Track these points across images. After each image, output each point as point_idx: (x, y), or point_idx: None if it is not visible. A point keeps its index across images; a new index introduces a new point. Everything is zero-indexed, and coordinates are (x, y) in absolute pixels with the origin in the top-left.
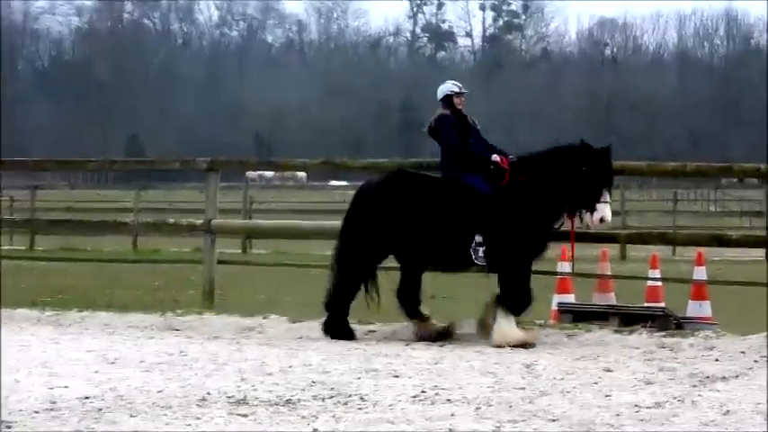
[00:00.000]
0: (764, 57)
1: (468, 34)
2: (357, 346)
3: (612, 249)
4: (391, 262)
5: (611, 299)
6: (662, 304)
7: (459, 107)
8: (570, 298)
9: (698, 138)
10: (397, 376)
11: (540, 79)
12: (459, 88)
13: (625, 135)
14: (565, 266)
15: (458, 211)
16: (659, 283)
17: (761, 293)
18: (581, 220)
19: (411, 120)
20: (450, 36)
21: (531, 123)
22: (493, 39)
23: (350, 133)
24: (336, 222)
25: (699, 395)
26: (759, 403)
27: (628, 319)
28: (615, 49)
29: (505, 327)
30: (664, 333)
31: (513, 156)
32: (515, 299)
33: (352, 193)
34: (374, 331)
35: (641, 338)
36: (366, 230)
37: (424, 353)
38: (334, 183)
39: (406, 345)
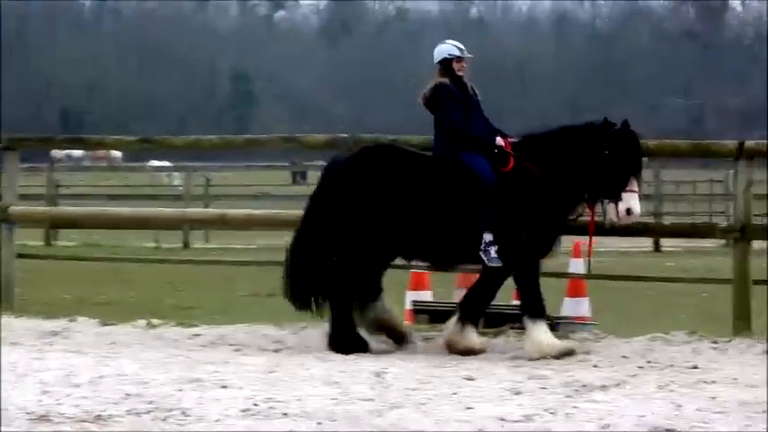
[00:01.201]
0: (654, 18)
1: None
2: (179, 352)
3: None
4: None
5: None
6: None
7: (460, 74)
8: (426, 295)
9: (578, 109)
10: (224, 387)
11: (395, 43)
12: (461, 51)
13: (493, 106)
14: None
15: (458, 200)
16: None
17: (646, 289)
18: (603, 212)
19: (244, 90)
20: None
21: (383, 94)
22: None
23: (173, 106)
24: (159, 210)
25: (574, 407)
26: (642, 416)
27: (493, 320)
28: (482, 9)
29: (541, 336)
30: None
31: (515, 136)
32: (538, 302)
33: (178, 174)
34: (199, 335)
35: (508, 342)
36: (348, 220)
37: (257, 360)
38: (155, 163)
39: (236, 350)
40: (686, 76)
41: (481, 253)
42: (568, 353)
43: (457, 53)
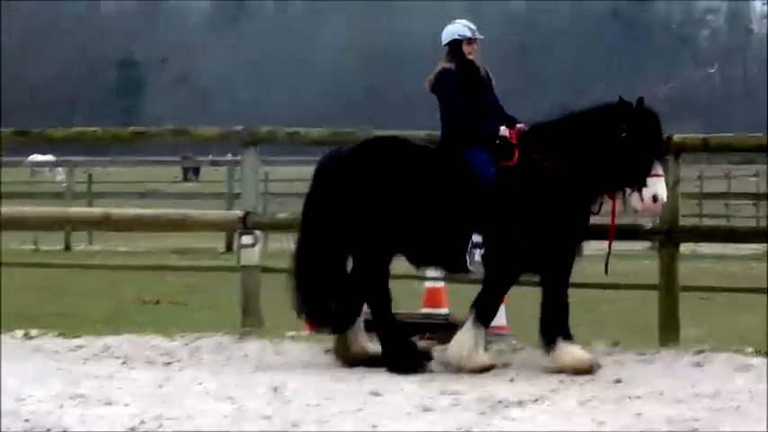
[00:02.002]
0: None
1: None
2: (59, 365)
3: None
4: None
5: None
6: (445, 310)
7: (471, 57)
8: None
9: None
10: (109, 403)
11: (296, 24)
12: (473, 32)
13: (401, 96)
14: None
15: (457, 198)
16: (441, 284)
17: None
18: (625, 202)
19: (130, 78)
20: None
21: (285, 77)
22: None
23: (55, 94)
24: (38, 208)
25: (488, 424)
26: None
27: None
28: None
29: (468, 342)
30: (446, 346)
31: (522, 124)
32: (493, 309)
33: (61, 170)
34: (82, 347)
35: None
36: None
37: (145, 373)
38: (37, 158)
39: (122, 363)
40: (610, 59)
41: (467, 254)
42: (486, 369)
43: (468, 34)
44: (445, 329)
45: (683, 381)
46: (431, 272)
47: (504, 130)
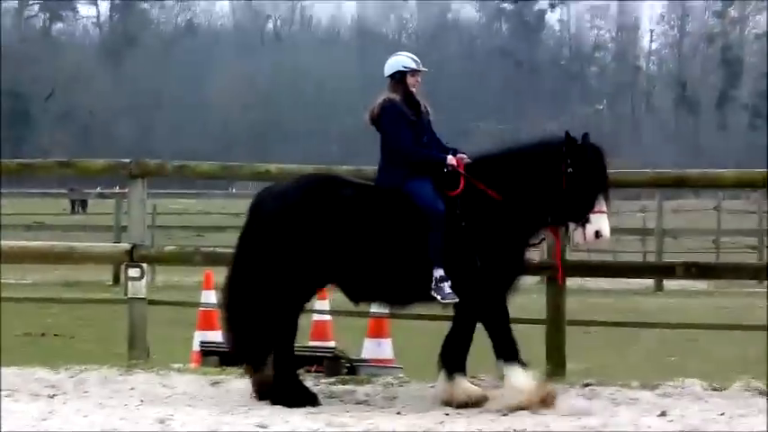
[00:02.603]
0: (465, 35)
1: (94, 1)
2: None
3: None
4: None
5: None
6: (332, 343)
7: (413, 89)
8: (216, 335)
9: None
10: None
11: (185, 59)
12: (417, 64)
13: (292, 130)
14: (209, 296)
15: (403, 234)
16: (328, 317)
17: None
18: (568, 237)
19: (18, 109)
20: (68, 3)
21: (173, 113)
22: (124, 8)
23: None
24: None
25: None
26: None
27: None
28: (279, 23)
29: (521, 380)
30: (333, 379)
31: (465, 155)
32: (510, 342)
33: None
34: None
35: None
36: (285, 256)
37: (29, 406)
38: None
39: (6, 396)
40: (498, 97)
41: (433, 292)
42: (549, 398)
43: (413, 66)
44: (331, 362)
45: (569, 414)
46: (373, 307)
47: (451, 159)
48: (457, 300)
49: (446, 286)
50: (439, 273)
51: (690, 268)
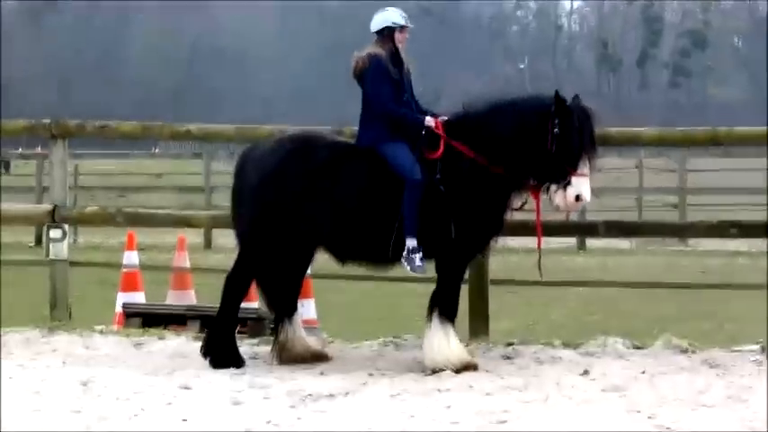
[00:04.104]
0: None
1: None
2: None
3: (193, 235)
4: None
5: (191, 297)
6: (255, 304)
7: (400, 45)
8: (139, 297)
9: (302, 93)
10: None
11: (106, 20)
12: (406, 20)
13: (213, 91)
14: (131, 257)
15: (379, 196)
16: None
17: (375, 289)
18: (549, 198)
19: None
20: None
21: (95, 75)
22: None
23: None
24: None
25: (298, 418)
26: (371, 426)
27: (151, 320)
28: None
29: (446, 343)
30: (257, 340)
31: (448, 115)
32: (453, 304)
33: None
34: None
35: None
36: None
37: None
38: None
39: None
40: (422, 56)
41: (404, 260)
42: (471, 366)
43: (401, 22)
44: (255, 323)
45: (491, 374)
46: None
47: (430, 121)
48: (425, 271)
49: (417, 258)
50: (411, 243)
51: (611, 227)
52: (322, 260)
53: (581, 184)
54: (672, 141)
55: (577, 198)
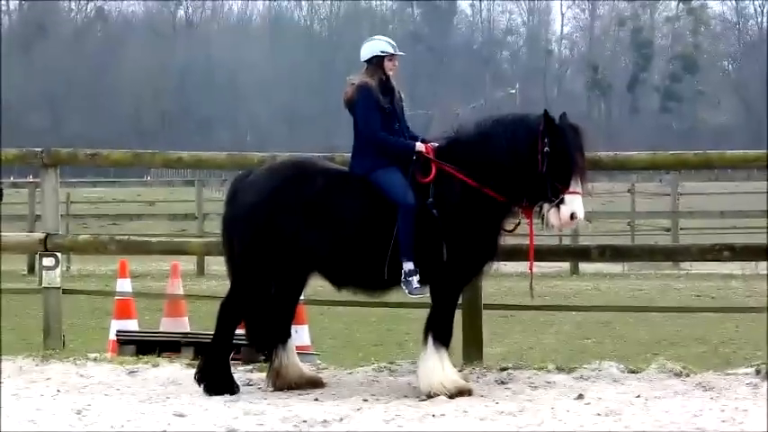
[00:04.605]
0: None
1: None
2: None
3: (187, 262)
4: None
5: (185, 324)
6: None
7: (390, 73)
8: (133, 324)
9: (294, 119)
10: None
11: (97, 48)
12: (394, 48)
13: (204, 116)
14: (125, 284)
15: (372, 223)
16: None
17: (369, 315)
18: (542, 218)
19: None
20: None
21: (84, 102)
22: None
23: None
24: None
25: None
26: None
27: (145, 347)
28: (190, 10)
29: (441, 367)
30: (251, 367)
31: (438, 140)
32: (448, 329)
33: None
34: None
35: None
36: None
37: None
38: None
39: None
40: (412, 82)
41: (402, 284)
42: (466, 392)
43: (390, 50)
44: (249, 349)
45: (485, 399)
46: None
47: (420, 146)
48: (425, 294)
49: (414, 280)
50: (408, 266)
51: (604, 251)
52: (316, 286)
53: (574, 202)
54: (664, 165)
55: (572, 216)
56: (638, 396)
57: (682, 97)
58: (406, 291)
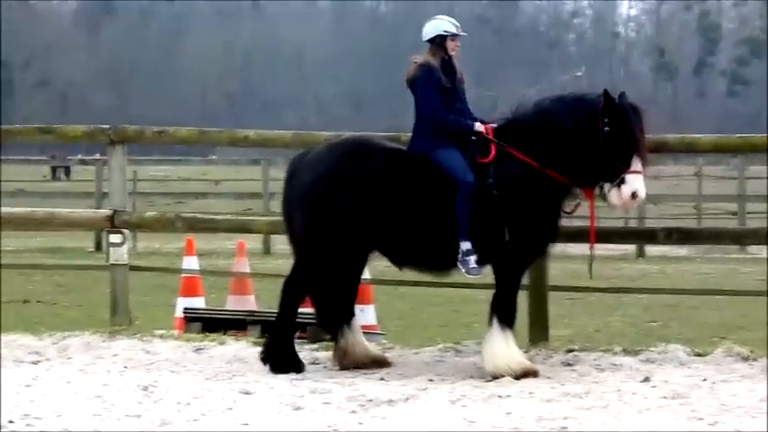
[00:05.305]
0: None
1: None
2: None
3: (252, 241)
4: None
5: (251, 302)
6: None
7: (453, 53)
8: (199, 302)
9: (358, 99)
10: None
11: (162, 27)
12: (457, 29)
13: (269, 97)
14: (191, 262)
15: (432, 202)
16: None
17: (435, 295)
18: (603, 197)
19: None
20: None
21: (149, 81)
22: None
23: None
24: None
25: (359, 423)
26: None
27: (211, 325)
28: None
29: (507, 348)
30: (317, 345)
31: (496, 120)
32: (512, 310)
33: None
34: None
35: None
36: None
37: (13, 372)
38: None
39: None
40: (477, 65)
41: (459, 264)
42: (531, 373)
43: (453, 30)
44: (315, 328)
45: (551, 380)
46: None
47: (479, 126)
48: (481, 274)
49: (471, 260)
50: (465, 246)
51: (671, 233)
52: (381, 266)
53: (635, 181)
54: (730, 148)
55: (633, 195)
56: (705, 379)
57: (749, 81)
58: (463, 270)
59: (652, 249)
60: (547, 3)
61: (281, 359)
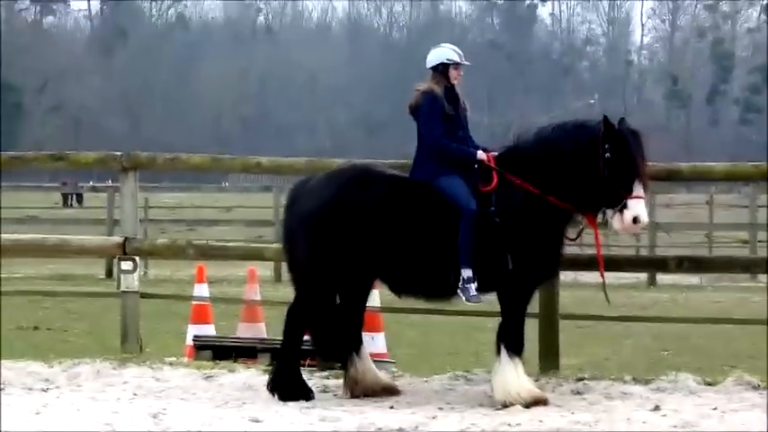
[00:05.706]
0: (456, 28)
1: None
2: None
3: (263, 269)
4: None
5: (261, 330)
6: None
7: (455, 82)
8: (209, 329)
9: (370, 123)
10: None
11: (176, 53)
12: (460, 57)
13: (283, 122)
14: (202, 290)
15: (434, 229)
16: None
17: (444, 323)
18: (606, 223)
19: (9, 102)
20: None
21: (163, 106)
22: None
23: None
24: None
25: None
26: None
27: (221, 352)
28: (271, 16)
29: (516, 377)
30: (327, 373)
31: (498, 148)
32: (519, 338)
33: None
34: None
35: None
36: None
37: (22, 400)
38: None
39: (0, 390)
40: (490, 91)
41: (459, 291)
42: (542, 401)
43: (456, 59)
44: None
45: (562, 408)
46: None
47: (481, 154)
48: (481, 302)
49: (472, 288)
50: (467, 273)
51: (682, 262)
52: (390, 293)
53: (637, 206)
54: (743, 176)
55: (635, 220)
56: (715, 408)
57: (762, 109)
58: (464, 298)
59: (663, 278)
60: (560, 29)
61: (288, 387)
